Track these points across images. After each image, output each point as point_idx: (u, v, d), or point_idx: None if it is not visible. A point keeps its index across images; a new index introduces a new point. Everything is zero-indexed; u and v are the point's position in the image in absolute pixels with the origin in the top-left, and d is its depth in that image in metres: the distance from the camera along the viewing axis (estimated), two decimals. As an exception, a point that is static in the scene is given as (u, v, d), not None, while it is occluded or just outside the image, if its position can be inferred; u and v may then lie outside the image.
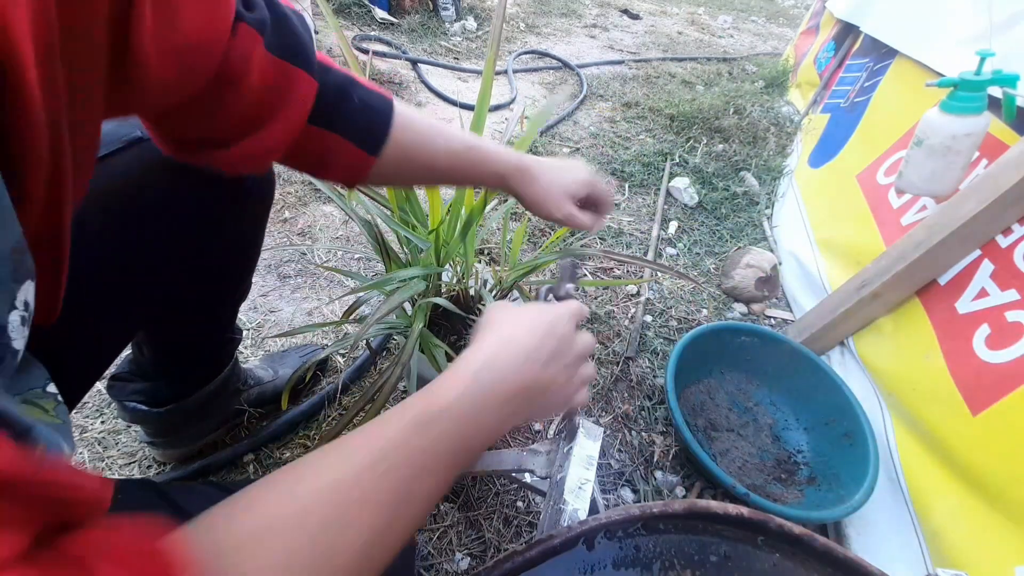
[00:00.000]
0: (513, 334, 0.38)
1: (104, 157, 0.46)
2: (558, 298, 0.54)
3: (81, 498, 0.19)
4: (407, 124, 0.48)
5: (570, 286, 0.56)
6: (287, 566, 0.24)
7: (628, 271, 1.33)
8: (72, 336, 0.47)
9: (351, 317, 0.78)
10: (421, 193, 0.84)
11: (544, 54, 2.62)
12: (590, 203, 0.59)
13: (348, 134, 0.45)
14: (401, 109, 0.48)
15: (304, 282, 1.16)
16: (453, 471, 0.33)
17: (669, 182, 1.66)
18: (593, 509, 0.55)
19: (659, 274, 1.32)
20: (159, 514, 0.23)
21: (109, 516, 0.21)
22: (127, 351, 0.71)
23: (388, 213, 0.73)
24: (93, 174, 0.31)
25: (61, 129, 0.25)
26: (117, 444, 0.81)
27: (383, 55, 2.27)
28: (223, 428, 0.82)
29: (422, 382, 0.67)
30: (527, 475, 0.66)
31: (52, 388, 0.32)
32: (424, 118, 0.50)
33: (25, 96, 0.21)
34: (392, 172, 0.50)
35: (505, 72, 2.34)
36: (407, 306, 0.81)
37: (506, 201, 1.02)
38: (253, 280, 0.74)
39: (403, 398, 0.36)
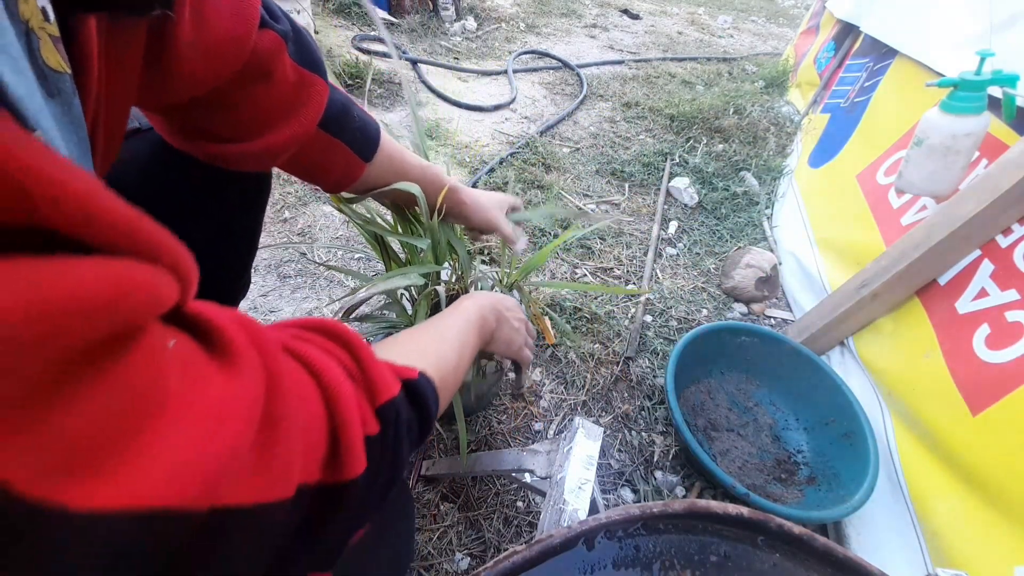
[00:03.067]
0: (487, 293, 0.62)
1: None
2: None
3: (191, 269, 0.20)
4: (389, 140, 0.58)
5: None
6: (422, 351, 0.41)
7: (628, 271, 1.33)
8: None
9: (351, 317, 0.77)
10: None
11: (544, 54, 2.62)
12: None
13: (349, 142, 0.52)
14: (383, 128, 0.58)
15: (304, 282, 1.16)
16: (477, 339, 0.53)
17: (669, 182, 1.66)
18: (593, 509, 0.55)
19: (659, 273, 1.32)
20: None
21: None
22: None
23: (389, 221, 0.74)
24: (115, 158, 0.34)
25: (100, 105, 0.29)
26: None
27: (383, 55, 2.27)
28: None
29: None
30: (527, 475, 0.66)
31: None
32: (395, 142, 0.61)
33: (92, 76, 0.26)
34: (374, 179, 0.58)
35: (505, 72, 2.34)
36: (407, 305, 0.80)
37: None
38: (253, 280, 0.74)
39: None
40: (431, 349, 0.43)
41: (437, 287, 0.70)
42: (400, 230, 0.74)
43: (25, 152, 0.13)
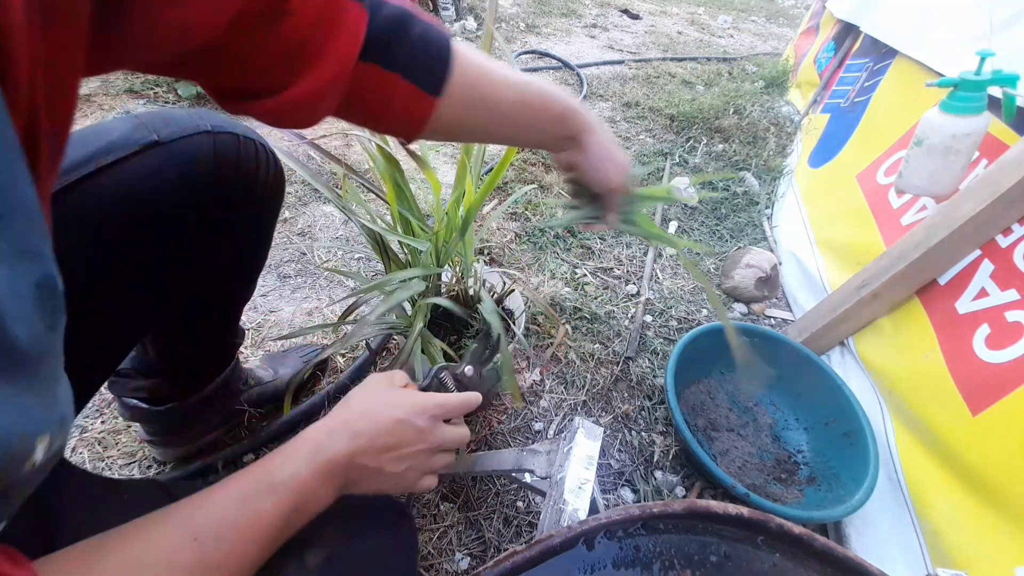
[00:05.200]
0: (359, 419, 0.44)
1: (119, 161, 0.46)
2: (452, 376, 0.56)
3: None
4: (469, 56, 0.42)
5: (468, 368, 0.57)
6: None
7: (628, 271, 1.33)
8: (88, 338, 0.47)
9: (350, 317, 0.78)
10: (420, 193, 0.84)
11: (544, 54, 2.62)
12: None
13: (407, 72, 0.40)
14: (459, 42, 0.42)
15: (304, 282, 1.16)
16: (283, 535, 0.38)
17: (669, 182, 1.66)
18: (593, 509, 0.55)
19: (659, 274, 1.32)
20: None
21: None
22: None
23: (388, 220, 0.74)
24: (64, 151, 0.26)
25: (35, 87, 0.21)
26: (117, 444, 0.81)
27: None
28: (223, 428, 0.82)
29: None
30: (527, 475, 0.66)
31: None
32: (479, 52, 0.44)
33: (17, 56, 0.19)
34: (456, 115, 0.44)
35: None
36: (407, 306, 0.81)
37: (503, 201, 1.01)
38: (253, 280, 0.74)
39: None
40: None
41: (437, 299, 0.70)
42: (400, 230, 0.74)
43: None
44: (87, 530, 0.32)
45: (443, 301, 0.72)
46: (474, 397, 0.52)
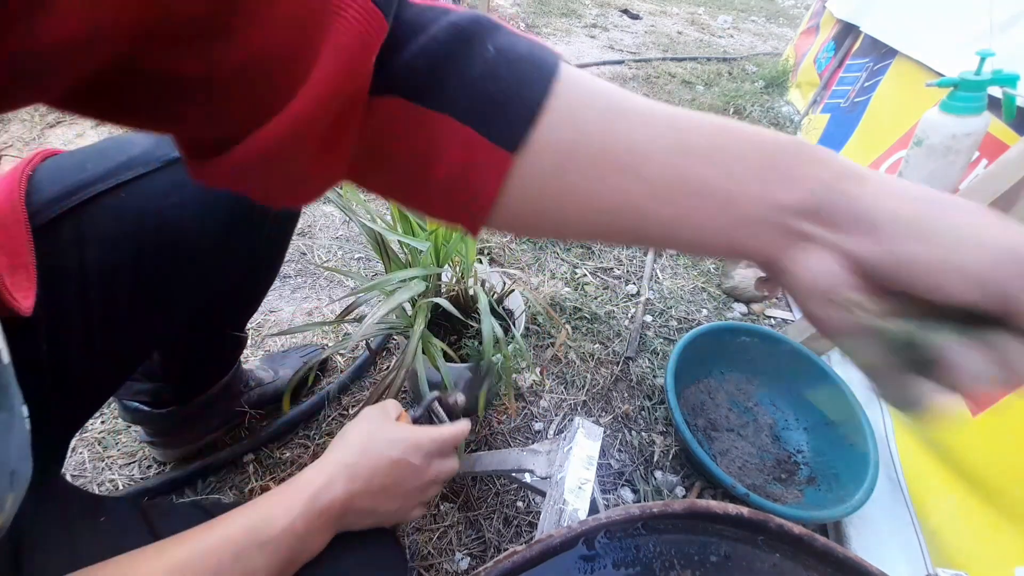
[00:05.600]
0: (357, 461, 0.43)
1: (141, 177, 0.46)
2: (443, 404, 0.57)
3: None
4: (579, 84, 0.25)
5: (460, 396, 0.58)
6: None
7: (628, 271, 1.33)
8: (100, 349, 0.47)
9: (350, 317, 0.78)
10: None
11: (544, 54, 2.62)
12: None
13: (464, 112, 0.24)
14: (571, 68, 0.25)
15: (304, 282, 1.17)
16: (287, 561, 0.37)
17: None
18: (593, 509, 0.55)
19: (659, 274, 1.32)
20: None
21: None
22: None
23: (389, 220, 0.74)
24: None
25: None
26: (117, 444, 0.81)
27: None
28: (223, 429, 0.82)
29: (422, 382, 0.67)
30: (527, 475, 0.66)
31: None
32: (593, 79, 0.25)
33: None
34: (552, 181, 0.25)
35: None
36: (407, 306, 0.81)
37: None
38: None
39: (404, 400, 0.39)
40: None
41: (438, 299, 0.70)
42: (400, 229, 0.74)
43: None
44: (58, 557, 0.32)
45: (444, 302, 0.72)
46: (465, 427, 0.54)
